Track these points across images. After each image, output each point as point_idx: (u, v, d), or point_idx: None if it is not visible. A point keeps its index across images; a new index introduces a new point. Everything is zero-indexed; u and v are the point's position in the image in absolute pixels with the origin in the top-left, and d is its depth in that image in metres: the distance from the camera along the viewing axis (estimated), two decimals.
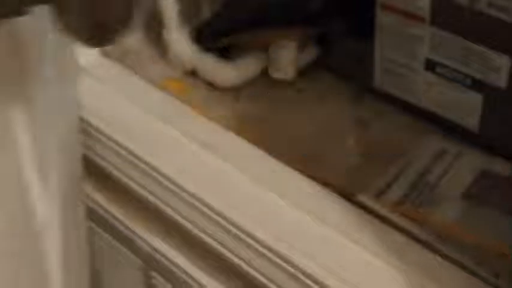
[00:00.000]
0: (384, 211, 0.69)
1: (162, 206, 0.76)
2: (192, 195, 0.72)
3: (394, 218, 0.69)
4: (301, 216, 0.67)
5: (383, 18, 0.78)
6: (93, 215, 0.89)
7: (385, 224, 0.67)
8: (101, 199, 0.87)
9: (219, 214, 0.69)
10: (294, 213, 0.68)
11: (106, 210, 0.87)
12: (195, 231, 0.73)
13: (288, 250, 0.65)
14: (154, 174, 0.76)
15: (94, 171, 0.85)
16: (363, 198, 0.71)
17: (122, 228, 0.86)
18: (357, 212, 0.68)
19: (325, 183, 0.73)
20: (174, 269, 0.81)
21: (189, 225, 0.74)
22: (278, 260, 0.65)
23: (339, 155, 0.79)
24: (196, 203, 0.71)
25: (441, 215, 0.70)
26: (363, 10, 0.79)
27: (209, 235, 0.71)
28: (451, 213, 0.70)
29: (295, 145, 0.80)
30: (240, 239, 0.68)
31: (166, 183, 0.74)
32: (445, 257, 0.65)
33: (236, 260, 0.70)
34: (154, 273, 0.85)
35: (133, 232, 0.84)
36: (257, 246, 0.66)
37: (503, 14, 0.68)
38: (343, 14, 0.82)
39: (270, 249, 0.66)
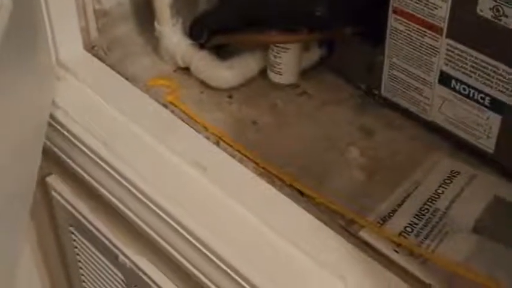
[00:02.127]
0: (383, 247, 0.63)
1: (132, 216, 0.71)
2: (171, 217, 0.66)
3: (394, 256, 0.62)
4: (294, 254, 0.61)
5: (395, 25, 0.71)
6: (76, 224, 0.84)
7: (383, 263, 0.61)
8: (84, 210, 0.82)
9: (201, 242, 0.63)
10: (285, 248, 0.62)
11: (89, 222, 0.81)
12: (176, 254, 0.67)
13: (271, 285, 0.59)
14: (133, 190, 0.69)
15: (73, 179, 0.79)
16: (362, 230, 0.64)
17: (106, 242, 0.80)
18: (354, 250, 0.61)
19: (325, 207, 0.66)
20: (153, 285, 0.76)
21: (168, 247, 0.68)
22: None
23: (339, 170, 0.72)
24: (177, 226, 0.65)
25: (448, 252, 0.63)
26: (375, 14, 0.72)
27: (190, 261, 0.65)
28: (459, 249, 0.64)
29: (292, 156, 0.73)
30: (222, 270, 0.62)
31: (144, 200, 0.68)
32: None
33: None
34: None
35: (116, 247, 0.78)
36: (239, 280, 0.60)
37: None
38: (353, 18, 0.74)
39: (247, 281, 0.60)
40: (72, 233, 0.87)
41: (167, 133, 0.73)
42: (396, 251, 0.63)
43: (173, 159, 0.70)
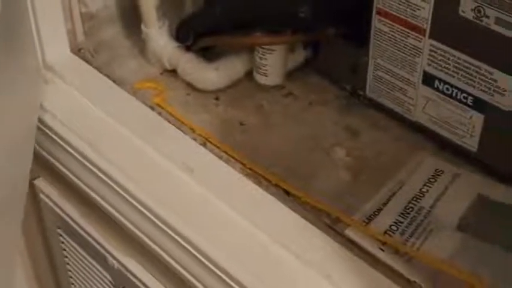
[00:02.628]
0: (369, 245, 0.63)
1: (121, 218, 0.71)
2: (159, 218, 0.66)
3: (380, 254, 0.63)
4: (281, 253, 0.61)
5: (379, 26, 0.72)
6: (64, 227, 0.84)
7: (369, 261, 0.61)
8: (72, 212, 0.82)
9: (189, 243, 0.64)
10: (271, 247, 0.62)
11: (78, 224, 0.82)
12: (164, 255, 0.67)
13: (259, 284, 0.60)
14: (121, 191, 0.70)
15: (61, 181, 0.79)
16: (348, 229, 0.65)
17: (94, 244, 0.80)
18: (340, 248, 0.62)
19: (311, 206, 0.67)
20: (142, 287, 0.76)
21: (156, 248, 0.68)
22: None
23: (325, 170, 0.73)
24: (165, 227, 0.66)
25: (433, 249, 0.64)
26: (359, 16, 0.73)
27: (178, 262, 0.66)
28: (443, 247, 0.64)
29: (278, 157, 0.74)
30: (210, 270, 0.62)
31: (132, 201, 0.69)
32: None
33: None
34: None
35: (105, 249, 0.79)
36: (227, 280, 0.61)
37: None
38: (337, 19, 0.75)
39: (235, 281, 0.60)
40: (61, 235, 0.88)
41: (154, 135, 0.74)
42: (382, 249, 0.63)
43: (160, 161, 0.71)
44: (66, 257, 0.90)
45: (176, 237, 0.65)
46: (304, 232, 0.63)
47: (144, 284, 0.76)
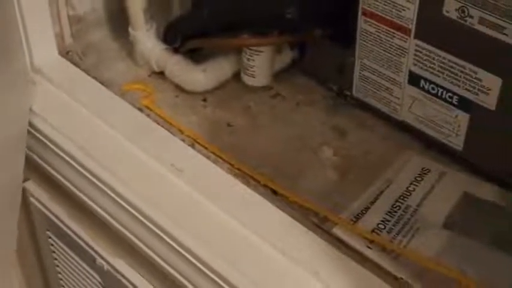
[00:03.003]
0: (356, 243, 0.64)
1: (110, 220, 0.71)
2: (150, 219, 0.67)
3: (367, 252, 0.63)
4: (269, 251, 0.62)
5: (365, 27, 0.73)
6: (54, 229, 0.84)
7: (356, 259, 0.62)
8: (60, 213, 0.82)
9: (178, 243, 0.64)
10: (260, 246, 0.63)
11: (67, 226, 0.82)
12: (153, 255, 0.68)
13: (248, 284, 0.60)
14: (110, 193, 0.70)
15: (50, 184, 0.79)
16: (335, 227, 0.66)
17: (83, 245, 0.81)
18: (327, 246, 0.62)
19: (298, 206, 0.68)
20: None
21: (145, 248, 0.68)
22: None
23: (313, 170, 0.73)
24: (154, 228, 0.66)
25: (419, 247, 0.65)
26: (345, 17, 0.74)
27: (166, 262, 0.66)
28: (430, 245, 0.65)
29: (266, 157, 0.74)
30: (199, 270, 0.63)
31: (121, 202, 0.69)
32: None
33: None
34: None
35: (94, 250, 0.79)
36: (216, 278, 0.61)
37: (495, 31, 0.62)
38: (323, 20, 0.76)
39: (225, 281, 0.61)
40: (50, 237, 0.88)
41: (143, 136, 0.74)
42: (369, 247, 0.64)
43: (149, 162, 0.71)
44: (56, 259, 0.90)
45: (165, 237, 0.65)
46: (292, 230, 0.64)
47: (133, 285, 0.76)
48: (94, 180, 0.71)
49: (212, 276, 0.62)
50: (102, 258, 0.79)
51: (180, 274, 0.65)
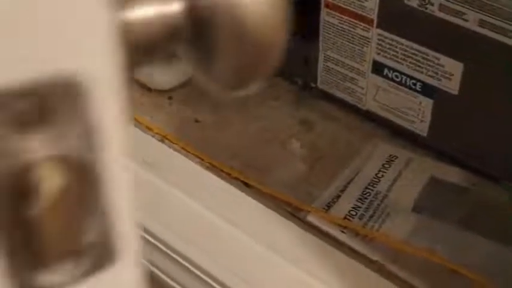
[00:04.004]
0: (330, 229, 0.65)
1: None
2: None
3: (342, 236, 0.65)
4: (246, 240, 0.62)
5: (328, 18, 0.74)
6: None
7: (332, 244, 0.63)
8: None
9: (153, 236, 0.64)
10: (237, 236, 0.63)
11: None
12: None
13: (228, 275, 0.61)
14: None
15: None
16: (309, 215, 0.67)
17: None
18: (302, 232, 0.63)
19: (271, 197, 0.68)
20: None
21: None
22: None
23: (282, 162, 0.74)
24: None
25: (391, 231, 0.66)
26: (307, 9, 0.75)
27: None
28: (401, 228, 0.66)
29: (236, 152, 0.75)
30: (177, 262, 0.63)
31: None
32: (393, 277, 0.62)
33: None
34: None
35: None
36: (197, 272, 0.62)
37: (456, 17, 0.64)
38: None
39: (206, 274, 0.61)
40: None
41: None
42: (343, 232, 0.65)
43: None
44: None
45: (142, 233, 0.65)
46: (267, 219, 0.65)
47: None
48: None
49: (190, 268, 0.62)
50: None
51: (157, 268, 0.65)
